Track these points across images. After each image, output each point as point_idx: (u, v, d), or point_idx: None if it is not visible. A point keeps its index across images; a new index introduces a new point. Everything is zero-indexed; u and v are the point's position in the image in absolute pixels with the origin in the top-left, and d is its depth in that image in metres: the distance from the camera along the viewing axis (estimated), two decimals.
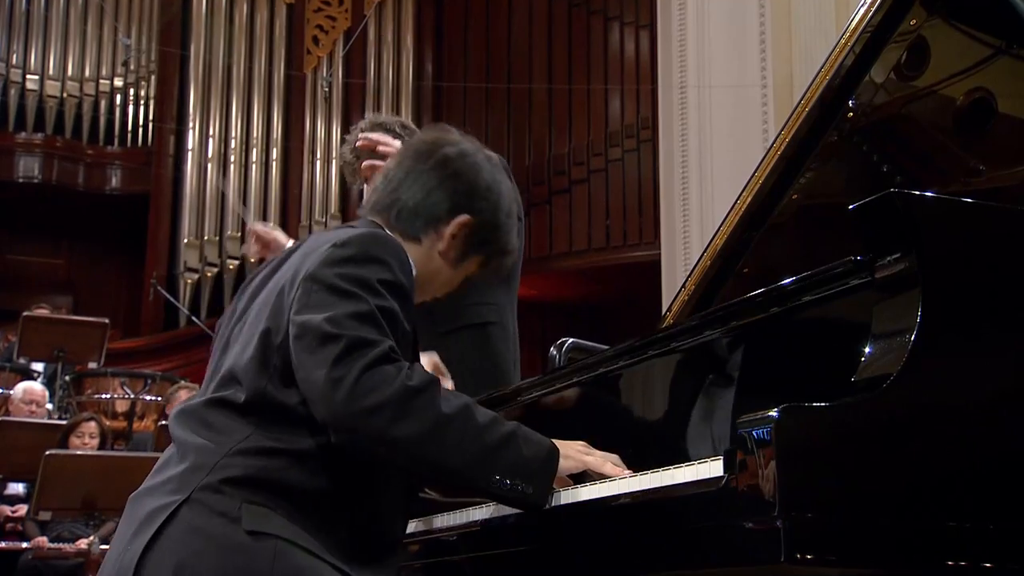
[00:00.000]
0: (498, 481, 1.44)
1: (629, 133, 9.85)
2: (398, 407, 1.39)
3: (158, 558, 1.40)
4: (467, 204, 1.70)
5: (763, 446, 1.10)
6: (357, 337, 1.42)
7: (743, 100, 6.05)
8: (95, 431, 5.76)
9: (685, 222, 6.71)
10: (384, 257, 1.53)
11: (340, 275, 1.48)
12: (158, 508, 1.44)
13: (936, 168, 2.21)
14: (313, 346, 1.42)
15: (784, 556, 1.09)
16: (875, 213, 1.23)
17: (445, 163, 1.72)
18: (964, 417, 1.19)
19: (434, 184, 1.71)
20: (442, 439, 1.42)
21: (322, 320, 1.43)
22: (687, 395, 1.58)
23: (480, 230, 1.71)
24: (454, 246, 1.70)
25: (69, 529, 5.38)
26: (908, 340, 1.14)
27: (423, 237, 1.69)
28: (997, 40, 2.00)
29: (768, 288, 1.43)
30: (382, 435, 1.40)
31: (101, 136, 11.75)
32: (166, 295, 10.05)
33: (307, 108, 11.59)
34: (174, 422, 1.57)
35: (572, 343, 2.31)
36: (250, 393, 1.49)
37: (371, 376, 1.39)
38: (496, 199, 1.73)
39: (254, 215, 11.28)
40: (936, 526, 1.13)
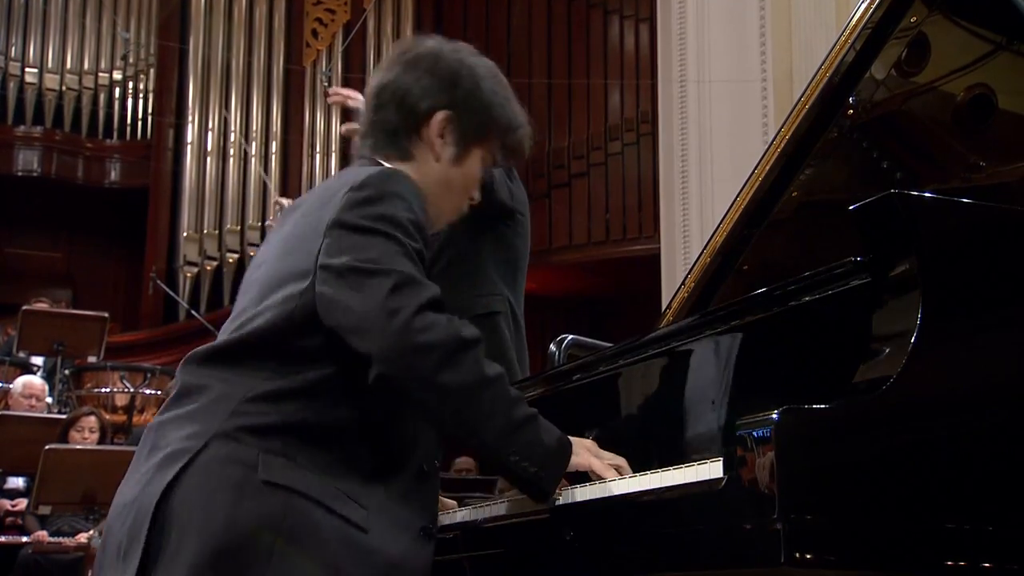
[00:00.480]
0: (515, 458, 1.42)
1: (629, 127, 9.83)
2: (449, 353, 1.37)
3: (177, 501, 1.39)
4: (440, 98, 1.64)
5: (763, 447, 1.09)
6: (406, 274, 1.40)
7: (743, 95, 6.04)
8: (95, 425, 5.77)
9: (685, 216, 6.70)
10: (403, 193, 1.50)
11: (367, 215, 1.45)
12: (177, 452, 1.42)
13: (936, 164, 2.21)
14: (360, 282, 1.39)
15: (784, 558, 1.09)
16: (875, 214, 1.23)
17: (406, 67, 1.67)
18: (963, 419, 1.19)
19: (402, 92, 1.65)
20: (479, 400, 1.40)
21: (366, 258, 1.40)
22: (686, 394, 1.58)
23: (465, 118, 1.65)
24: (446, 146, 1.64)
25: (69, 523, 5.38)
26: (908, 342, 1.14)
27: (414, 151, 1.64)
28: (997, 36, 1.99)
29: (768, 288, 1.43)
30: (427, 377, 1.37)
31: (100, 129, 11.75)
32: (165, 289, 10.04)
33: (306, 101, 11.58)
34: (190, 361, 1.55)
35: (572, 340, 2.31)
36: (268, 335, 1.46)
37: (425, 316, 1.37)
38: (471, 80, 1.66)
39: (253, 210, 11.28)
40: (935, 527, 1.13)
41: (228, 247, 11.15)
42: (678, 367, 1.62)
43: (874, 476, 1.14)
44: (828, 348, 1.35)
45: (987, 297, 1.25)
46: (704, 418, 1.52)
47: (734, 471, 1.14)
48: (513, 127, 1.70)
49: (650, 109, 9.03)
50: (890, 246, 1.23)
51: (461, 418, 1.41)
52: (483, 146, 1.68)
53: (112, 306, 10.49)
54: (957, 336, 1.20)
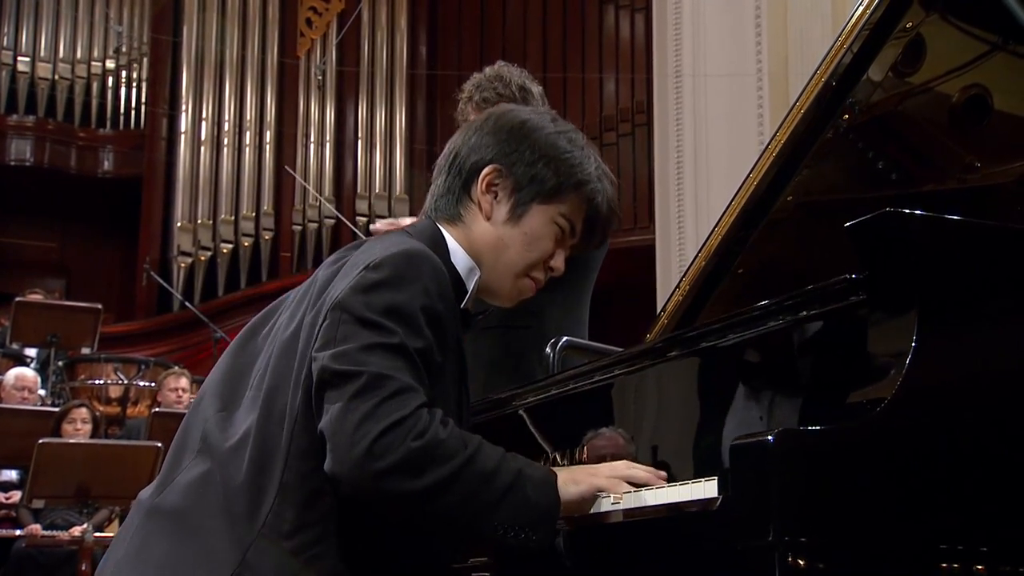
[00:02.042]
0: (501, 531, 1.37)
1: (624, 117, 9.81)
2: (409, 467, 1.32)
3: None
4: (487, 152, 1.54)
5: (758, 469, 1.09)
6: (378, 376, 1.34)
7: (738, 87, 6.03)
8: (87, 417, 5.76)
9: (680, 208, 6.69)
10: (421, 277, 1.41)
11: (372, 306, 1.38)
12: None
13: (932, 165, 2.20)
14: (336, 387, 1.36)
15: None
16: (871, 231, 1.22)
17: (469, 129, 1.59)
18: (958, 440, 1.18)
19: (454, 153, 1.57)
20: (447, 497, 1.35)
21: (351, 360, 1.36)
22: (678, 409, 1.57)
23: (517, 171, 1.52)
24: (499, 201, 1.53)
25: (63, 516, 5.38)
26: (903, 364, 1.13)
27: (463, 211, 1.54)
28: (993, 36, 1.99)
29: (763, 304, 1.42)
30: (391, 495, 1.34)
31: (93, 119, 11.70)
32: (159, 280, 10.02)
33: (301, 90, 11.53)
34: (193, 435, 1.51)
35: (566, 342, 2.30)
36: (281, 443, 1.42)
37: (385, 437, 1.31)
38: (528, 131, 1.53)
39: (248, 200, 11.24)
40: (929, 549, 1.12)
41: (222, 237, 11.12)
42: (671, 381, 1.61)
43: (868, 498, 1.13)
44: (823, 366, 1.34)
45: (983, 316, 1.24)
46: (697, 433, 1.52)
47: (729, 491, 1.13)
48: (581, 181, 1.54)
49: (645, 99, 9.01)
50: (886, 264, 1.22)
51: (435, 519, 1.38)
52: (549, 204, 1.53)
53: (106, 296, 10.49)
54: (952, 357, 1.20)
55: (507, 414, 1.93)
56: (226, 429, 1.48)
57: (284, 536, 1.39)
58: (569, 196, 1.54)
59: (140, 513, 1.51)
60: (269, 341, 1.54)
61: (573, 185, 1.54)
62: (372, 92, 11.38)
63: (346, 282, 1.43)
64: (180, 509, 1.45)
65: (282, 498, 1.39)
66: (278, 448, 1.42)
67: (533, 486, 1.38)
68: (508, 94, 2.81)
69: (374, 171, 11.22)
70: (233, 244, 11.11)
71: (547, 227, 1.55)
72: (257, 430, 1.44)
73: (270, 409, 1.44)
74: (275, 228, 11.20)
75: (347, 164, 11.36)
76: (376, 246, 1.50)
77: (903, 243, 1.20)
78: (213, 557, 1.39)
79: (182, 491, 1.47)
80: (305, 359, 1.43)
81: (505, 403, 1.94)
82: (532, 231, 1.54)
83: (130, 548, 1.48)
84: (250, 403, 1.48)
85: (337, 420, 1.34)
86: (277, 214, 11.26)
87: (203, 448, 1.49)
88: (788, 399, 1.35)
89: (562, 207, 1.55)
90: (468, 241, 1.55)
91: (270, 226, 11.20)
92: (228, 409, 1.51)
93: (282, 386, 1.45)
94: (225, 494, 1.43)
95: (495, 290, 1.59)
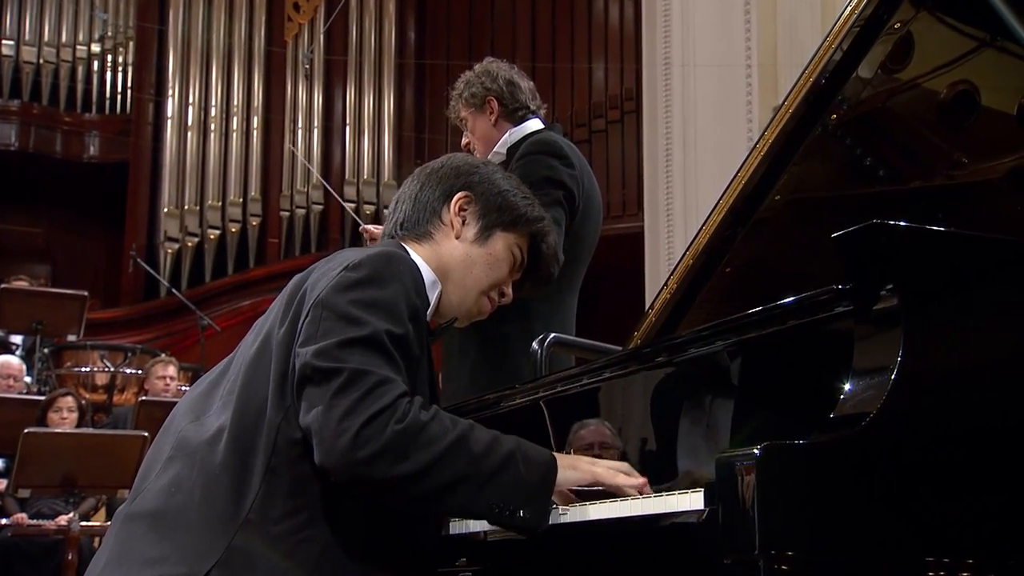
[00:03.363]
0: (495, 508, 1.43)
1: (613, 104, 9.79)
2: (395, 452, 1.38)
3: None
4: (456, 183, 1.71)
5: (744, 482, 1.09)
6: (364, 372, 1.41)
7: (727, 76, 6.03)
8: (73, 405, 5.73)
9: (668, 195, 6.70)
10: (400, 275, 1.51)
11: (356, 301, 1.46)
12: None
13: (919, 162, 2.20)
14: (319, 381, 1.42)
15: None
16: (857, 242, 1.22)
17: (430, 170, 1.76)
18: (944, 454, 1.19)
19: (416, 190, 1.73)
20: (438, 476, 1.41)
21: (334, 354, 1.42)
22: (662, 417, 1.57)
23: (484, 199, 1.70)
24: (468, 223, 1.69)
25: (49, 506, 5.35)
26: (889, 378, 1.13)
27: (433, 231, 1.69)
28: (981, 33, 1.98)
29: (751, 312, 1.41)
30: (378, 481, 1.40)
31: (78, 103, 11.60)
32: (146, 267, 9.97)
33: (288, 76, 11.47)
34: (177, 436, 1.55)
35: (554, 338, 2.29)
36: (263, 429, 1.47)
37: (370, 426, 1.38)
38: (487, 170, 1.74)
39: (235, 185, 11.19)
40: (915, 563, 1.13)
41: (209, 223, 11.07)
42: (658, 386, 1.60)
43: (855, 512, 1.13)
44: (810, 377, 1.34)
45: (969, 327, 1.24)
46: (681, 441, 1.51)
47: (715, 505, 1.13)
48: (535, 217, 1.73)
49: (635, 87, 8.99)
50: (872, 274, 1.22)
51: (427, 499, 1.43)
52: (509, 232, 1.71)
53: (92, 282, 10.45)
54: (938, 369, 1.20)
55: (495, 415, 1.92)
56: (199, 429, 1.54)
57: (273, 521, 1.43)
58: (524, 230, 1.72)
59: (117, 523, 1.55)
60: (236, 361, 1.61)
61: (528, 221, 1.73)
62: (360, 78, 11.33)
63: (326, 282, 1.50)
64: (157, 509, 1.49)
65: (268, 485, 1.44)
66: (259, 438, 1.47)
67: (526, 466, 1.45)
68: (496, 88, 2.81)
69: (362, 157, 11.17)
70: (220, 230, 11.06)
71: (506, 252, 1.71)
72: (233, 424, 1.49)
73: (246, 404, 1.50)
74: (262, 214, 11.15)
75: (335, 150, 11.31)
76: (350, 252, 1.59)
77: (889, 254, 1.20)
78: (198, 547, 1.42)
79: (156, 494, 1.51)
80: (283, 354, 1.49)
81: (492, 404, 1.93)
82: (495, 253, 1.70)
83: (112, 555, 1.50)
84: (221, 407, 1.54)
85: (322, 416, 1.40)
86: (264, 200, 11.21)
87: (175, 454, 1.54)
88: (774, 410, 1.34)
89: (519, 239, 1.73)
90: (437, 256, 1.68)
91: (257, 212, 11.14)
92: (200, 418, 1.57)
93: (257, 383, 1.50)
94: (204, 485, 1.47)
95: (457, 304, 1.71)
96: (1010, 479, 1.20)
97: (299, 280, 1.60)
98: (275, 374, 1.49)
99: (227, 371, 1.62)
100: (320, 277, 1.54)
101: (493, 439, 1.46)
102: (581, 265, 2.77)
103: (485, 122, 2.84)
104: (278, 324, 1.53)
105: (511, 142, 2.80)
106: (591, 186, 2.78)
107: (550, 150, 2.70)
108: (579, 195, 2.67)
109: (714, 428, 1.41)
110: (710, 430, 1.42)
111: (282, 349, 1.50)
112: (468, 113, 2.87)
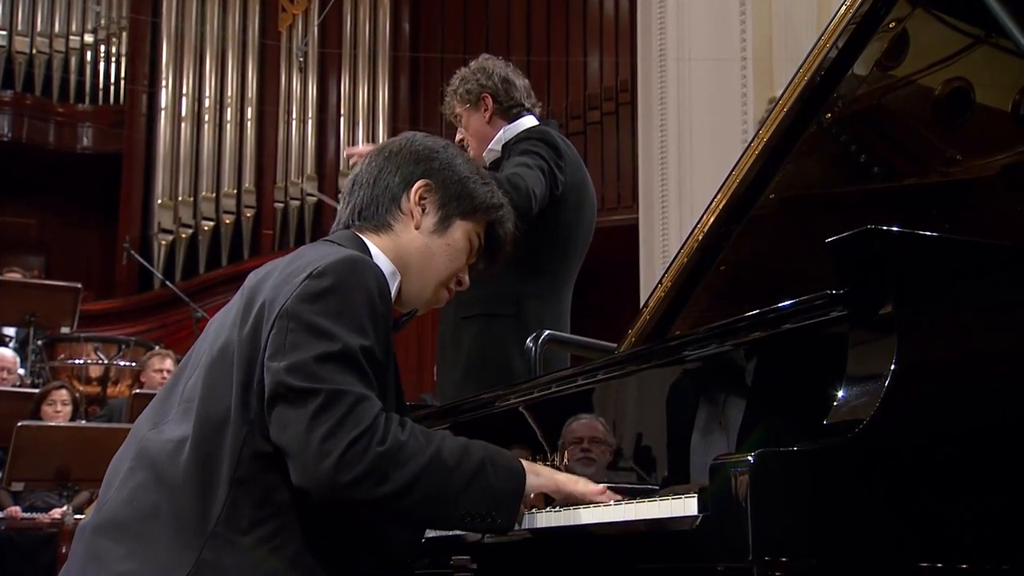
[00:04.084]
0: (467, 518, 1.45)
1: (608, 96, 9.78)
2: (377, 474, 1.39)
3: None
4: (416, 169, 1.67)
5: (738, 489, 1.09)
6: (335, 393, 1.40)
7: (723, 69, 6.02)
8: (67, 398, 5.73)
9: (664, 188, 6.69)
10: (364, 283, 1.48)
11: (321, 312, 1.44)
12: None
13: (913, 159, 2.20)
14: (294, 399, 1.40)
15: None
16: (851, 248, 1.21)
17: (377, 156, 1.72)
18: (938, 461, 1.19)
19: (375, 174, 1.69)
20: (418, 494, 1.42)
21: (306, 370, 1.40)
22: (655, 420, 1.57)
23: (444, 188, 1.67)
24: (427, 213, 1.66)
25: (43, 499, 5.36)
26: (882, 385, 1.13)
27: (392, 221, 1.66)
28: (976, 30, 1.98)
29: (744, 316, 1.41)
30: (360, 502, 1.41)
31: (72, 94, 11.56)
32: (139, 260, 9.95)
33: (283, 67, 11.43)
34: (139, 452, 1.52)
35: (548, 335, 2.29)
36: (229, 438, 1.44)
37: (352, 450, 1.38)
38: (447, 156, 1.70)
39: (229, 177, 11.16)
40: (909, 569, 1.13)
41: (203, 214, 11.04)
42: (651, 389, 1.60)
43: (849, 519, 1.13)
44: (804, 382, 1.33)
45: (963, 332, 1.24)
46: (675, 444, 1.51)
47: (709, 511, 1.13)
48: (495, 204, 1.71)
49: (629, 78, 8.97)
50: (866, 280, 1.21)
51: (405, 516, 1.47)
52: (467, 220, 1.69)
53: (86, 273, 10.41)
54: (932, 375, 1.20)
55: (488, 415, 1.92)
56: (158, 438, 1.52)
57: (241, 532, 1.42)
58: (483, 218, 1.71)
59: (83, 537, 1.52)
60: (192, 362, 1.59)
61: (488, 208, 1.71)
62: (355, 69, 11.29)
63: (289, 289, 1.47)
64: (122, 522, 1.47)
65: (235, 497, 1.43)
66: (222, 450, 1.45)
67: (496, 472, 1.47)
68: (491, 85, 2.81)
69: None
70: (214, 222, 11.04)
71: (465, 241, 1.70)
72: (195, 435, 1.47)
73: (207, 414, 1.47)
74: (257, 205, 11.13)
75: (329, 141, 11.28)
76: (310, 254, 1.56)
77: (883, 259, 1.20)
78: (166, 561, 1.41)
79: (120, 506, 1.49)
80: (245, 364, 1.46)
81: (488, 404, 1.93)
82: (454, 243, 1.68)
83: (79, 570, 1.48)
84: (181, 415, 1.52)
85: (302, 438, 1.39)
86: (259, 191, 11.19)
87: (136, 464, 1.51)
88: (767, 415, 1.34)
89: (478, 226, 1.71)
90: (396, 248, 1.66)
91: (252, 203, 11.12)
92: (159, 425, 1.55)
93: (218, 392, 1.48)
94: (169, 498, 1.45)
95: (416, 295, 1.70)
96: (1005, 484, 1.20)
97: (257, 281, 1.56)
98: (238, 384, 1.46)
99: (184, 372, 1.60)
100: (282, 282, 1.50)
101: (464, 450, 1.47)
102: (576, 262, 2.77)
103: (479, 119, 2.84)
104: (237, 328, 1.50)
105: (506, 139, 2.81)
106: (584, 184, 2.79)
107: (543, 138, 2.73)
108: (564, 182, 2.69)
109: (708, 432, 1.41)
110: (704, 434, 1.42)
111: (244, 358, 1.47)
112: (463, 109, 2.88)
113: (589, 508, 1.38)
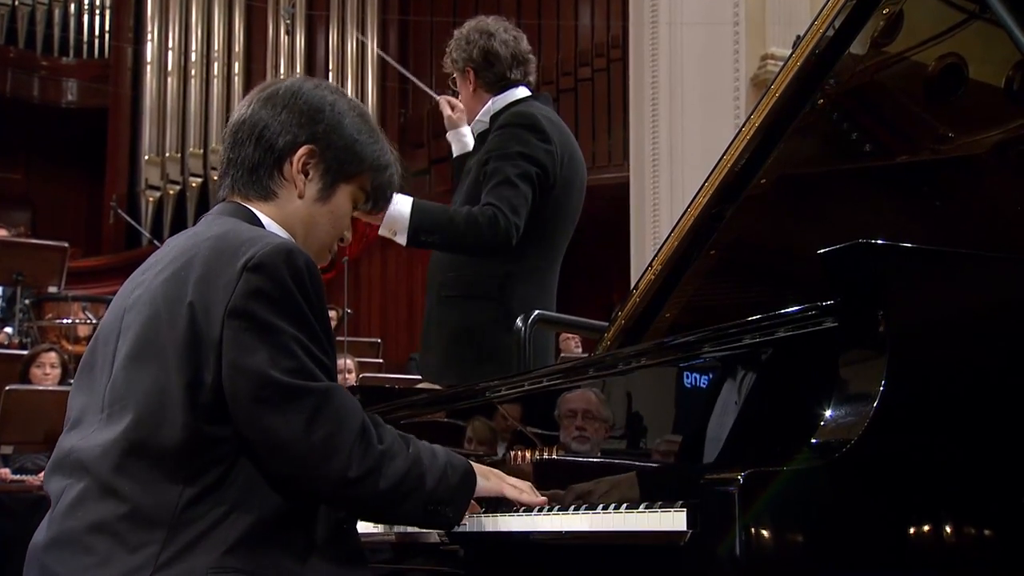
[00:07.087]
0: (426, 513, 1.51)
1: (599, 52, 9.69)
2: (379, 472, 1.44)
3: None
4: (300, 132, 1.58)
5: (727, 507, 1.09)
6: (325, 393, 1.41)
7: (715, 32, 5.97)
8: (55, 361, 5.70)
9: (655, 144, 6.67)
10: (300, 271, 1.44)
11: (273, 310, 1.40)
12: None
13: (906, 135, 2.18)
14: (280, 401, 1.39)
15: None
16: (843, 260, 1.20)
17: (263, 103, 1.60)
18: (928, 479, 1.19)
19: (260, 128, 1.58)
20: (398, 495, 1.47)
21: (282, 368, 1.39)
22: (644, 423, 1.56)
23: (328, 153, 1.59)
24: (309, 183, 1.59)
25: (32, 461, 5.35)
26: (871, 403, 1.13)
27: (276, 189, 1.58)
28: (970, 5, 1.95)
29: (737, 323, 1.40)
30: (364, 498, 1.45)
31: (56, 47, 11.41)
32: (127, 218, 9.87)
33: (269, 21, 11.28)
34: (69, 460, 1.47)
35: (537, 315, 2.28)
36: (177, 435, 1.39)
37: (356, 448, 1.42)
38: (333, 115, 1.60)
39: (216, 132, 11.06)
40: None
41: (191, 171, 10.96)
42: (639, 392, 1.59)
43: (835, 538, 1.14)
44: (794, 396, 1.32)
45: (954, 345, 1.24)
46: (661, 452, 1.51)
47: (698, 528, 1.14)
48: (382, 165, 1.65)
49: (621, 34, 8.89)
50: (857, 292, 1.20)
51: (383, 513, 1.54)
52: (351, 183, 1.63)
53: (73, 229, 10.36)
54: (923, 391, 1.19)
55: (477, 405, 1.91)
56: (89, 446, 1.45)
57: (197, 525, 1.39)
58: (369, 175, 1.65)
59: (36, 556, 1.46)
60: (102, 358, 1.51)
61: (374, 168, 1.65)
62: (343, 24, 11.15)
63: (225, 283, 1.42)
64: (73, 533, 1.42)
65: (187, 493, 1.39)
66: (165, 448, 1.40)
67: (454, 472, 1.53)
68: (473, 60, 2.75)
69: None
70: (202, 178, 10.96)
71: (348, 203, 1.65)
72: (131, 436, 1.41)
73: (140, 417, 1.42)
74: None
75: None
76: (230, 236, 1.48)
77: (875, 272, 1.19)
78: (127, 565, 1.38)
79: (66, 518, 1.43)
80: (189, 365, 1.41)
81: (478, 393, 1.92)
82: (337, 209, 1.63)
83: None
84: (108, 419, 1.45)
85: (301, 440, 1.40)
86: None
87: (74, 479, 1.45)
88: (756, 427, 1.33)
89: (363, 183, 1.65)
90: (283, 217, 1.60)
91: None
92: (86, 434, 1.48)
93: (153, 394, 1.42)
94: (116, 504, 1.40)
95: None
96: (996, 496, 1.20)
97: (180, 274, 1.46)
98: (181, 387, 1.40)
99: (95, 369, 1.52)
100: (212, 275, 1.43)
101: (430, 450, 1.53)
102: (563, 240, 2.73)
103: (466, 89, 2.79)
104: (165, 325, 1.43)
105: (494, 110, 2.75)
106: (573, 160, 2.72)
107: (527, 123, 2.62)
108: (554, 171, 2.62)
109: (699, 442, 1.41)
110: (694, 444, 1.42)
111: (183, 360, 1.41)
112: (456, 74, 2.84)
113: (580, 515, 1.37)
